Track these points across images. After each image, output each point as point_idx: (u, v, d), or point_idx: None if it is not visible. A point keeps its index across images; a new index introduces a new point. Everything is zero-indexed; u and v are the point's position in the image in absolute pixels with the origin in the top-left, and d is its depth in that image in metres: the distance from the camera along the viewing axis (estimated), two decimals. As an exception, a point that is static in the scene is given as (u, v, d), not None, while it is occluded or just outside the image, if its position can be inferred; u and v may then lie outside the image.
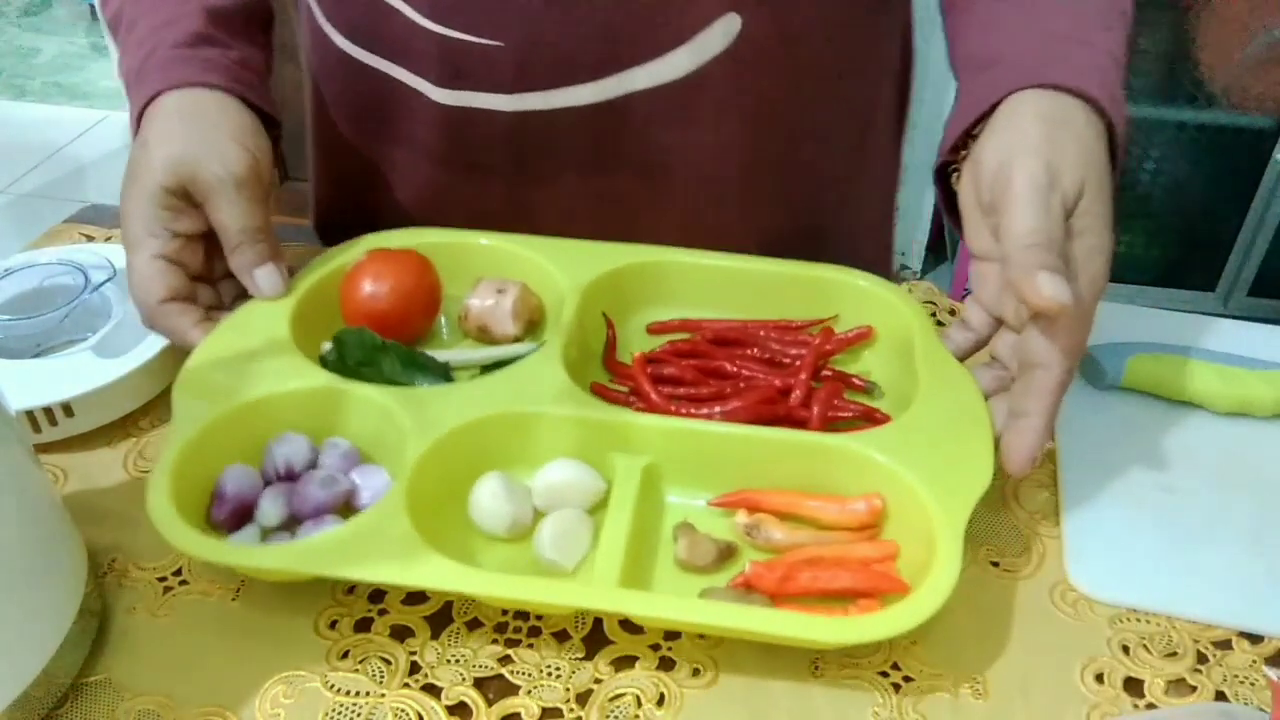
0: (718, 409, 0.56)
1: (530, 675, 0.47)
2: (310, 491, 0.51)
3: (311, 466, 0.53)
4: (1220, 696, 0.46)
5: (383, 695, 0.46)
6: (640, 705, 0.46)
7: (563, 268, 0.63)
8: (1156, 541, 0.53)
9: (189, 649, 0.48)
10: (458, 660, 0.47)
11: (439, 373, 0.58)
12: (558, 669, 0.47)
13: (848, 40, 0.68)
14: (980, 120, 0.53)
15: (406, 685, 0.46)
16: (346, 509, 0.52)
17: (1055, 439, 0.58)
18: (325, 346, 0.58)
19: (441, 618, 0.49)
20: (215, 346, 0.56)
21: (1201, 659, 0.48)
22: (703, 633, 0.48)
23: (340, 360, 0.57)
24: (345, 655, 0.47)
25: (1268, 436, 0.59)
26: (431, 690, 0.46)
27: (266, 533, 0.51)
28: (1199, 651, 0.48)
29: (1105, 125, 0.52)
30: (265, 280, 0.60)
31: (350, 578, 0.48)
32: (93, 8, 2.99)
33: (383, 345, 0.58)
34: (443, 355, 0.60)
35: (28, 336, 0.62)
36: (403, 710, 0.45)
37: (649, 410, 0.57)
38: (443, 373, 0.59)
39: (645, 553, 0.51)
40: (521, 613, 0.49)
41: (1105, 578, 0.51)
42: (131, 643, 0.48)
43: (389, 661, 0.47)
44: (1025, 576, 0.52)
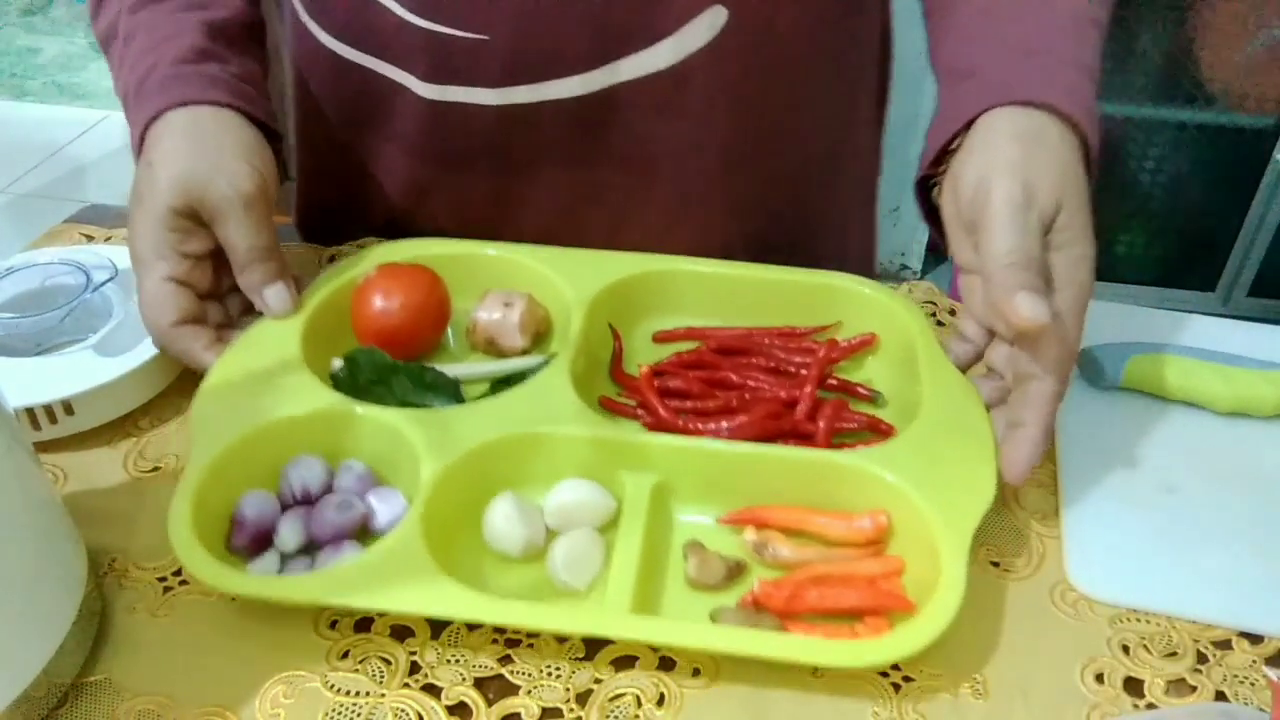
0: (724, 424, 0.56)
1: (530, 675, 0.47)
2: (328, 516, 0.51)
3: (327, 489, 0.53)
4: (1220, 696, 0.46)
5: (383, 695, 0.46)
6: (640, 705, 0.46)
7: (568, 278, 0.63)
8: (1156, 541, 0.53)
9: (189, 649, 0.48)
10: (458, 660, 0.47)
11: (450, 392, 0.58)
12: (558, 669, 0.47)
13: (830, 33, 0.69)
14: (957, 135, 0.54)
15: (406, 685, 0.46)
16: (363, 531, 0.52)
17: (1055, 439, 0.58)
18: (336, 364, 0.58)
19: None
20: (228, 369, 0.57)
21: (1201, 659, 0.48)
22: (715, 655, 0.48)
23: (352, 379, 0.58)
24: (345, 655, 0.47)
25: (1268, 436, 0.59)
26: (431, 690, 0.46)
27: (285, 558, 0.51)
28: (1199, 651, 0.48)
29: (1080, 138, 0.52)
30: (275, 299, 0.60)
31: (373, 608, 0.48)
32: (93, 8, 2.98)
33: (394, 365, 0.58)
34: (452, 370, 0.60)
35: (28, 335, 0.62)
36: (403, 710, 0.45)
37: (656, 424, 0.57)
38: (453, 392, 0.59)
39: (656, 572, 0.51)
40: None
41: (1105, 578, 0.51)
42: (131, 643, 0.48)
43: (389, 661, 0.47)
44: (1025, 577, 0.52)
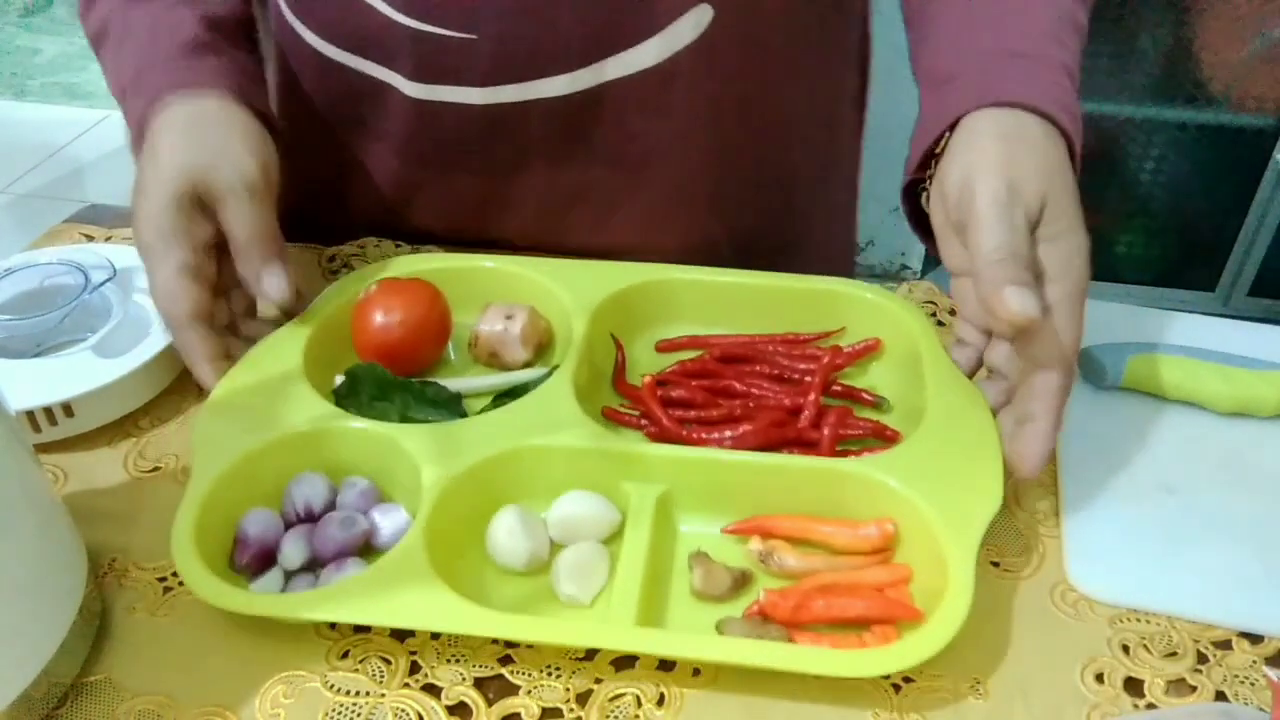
0: (728, 433, 0.56)
1: (530, 675, 0.47)
2: (331, 533, 0.51)
3: (330, 506, 0.53)
4: (1220, 696, 0.46)
5: (383, 695, 0.46)
6: (640, 705, 0.46)
7: (569, 289, 0.63)
8: (1156, 541, 0.53)
9: (189, 649, 0.48)
10: (458, 660, 0.47)
11: (452, 407, 0.58)
12: (558, 669, 0.47)
13: (813, 32, 0.69)
14: (940, 138, 0.54)
15: (406, 685, 0.46)
16: (367, 547, 0.52)
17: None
18: (338, 380, 0.58)
19: (441, 618, 0.49)
20: (230, 387, 0.56)
21: (1201, 659, 0.48)
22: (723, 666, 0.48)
23: (354, 396, 0.58)
24: (345, 655, 0.47)
25: (1268, 436, 0.59)
26: (431, 690, 0.46)
27: (289, 575, 0.51)
28: (1199, 651, 0.48)
29: (1064, 136, 0.52)
30: (272, 286, 0.59)
31: (378, 624, 0.48)
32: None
33: (396, 381, 0.58)
34: (455, 384, 0.60)
35: (28, 336, 0.62)
36: (403, 710, 0.45)
37: (660, 434, 0.57)
38: (455, 406, 0.58)
39: (660, 583, 0.51)
40: (522, 613, 0.49)
41: (1105, 578, 0.51)
42: (131, 643, 0.48)
43: (389, 661, 0.47)
44: (1025, 577, 0.52)
